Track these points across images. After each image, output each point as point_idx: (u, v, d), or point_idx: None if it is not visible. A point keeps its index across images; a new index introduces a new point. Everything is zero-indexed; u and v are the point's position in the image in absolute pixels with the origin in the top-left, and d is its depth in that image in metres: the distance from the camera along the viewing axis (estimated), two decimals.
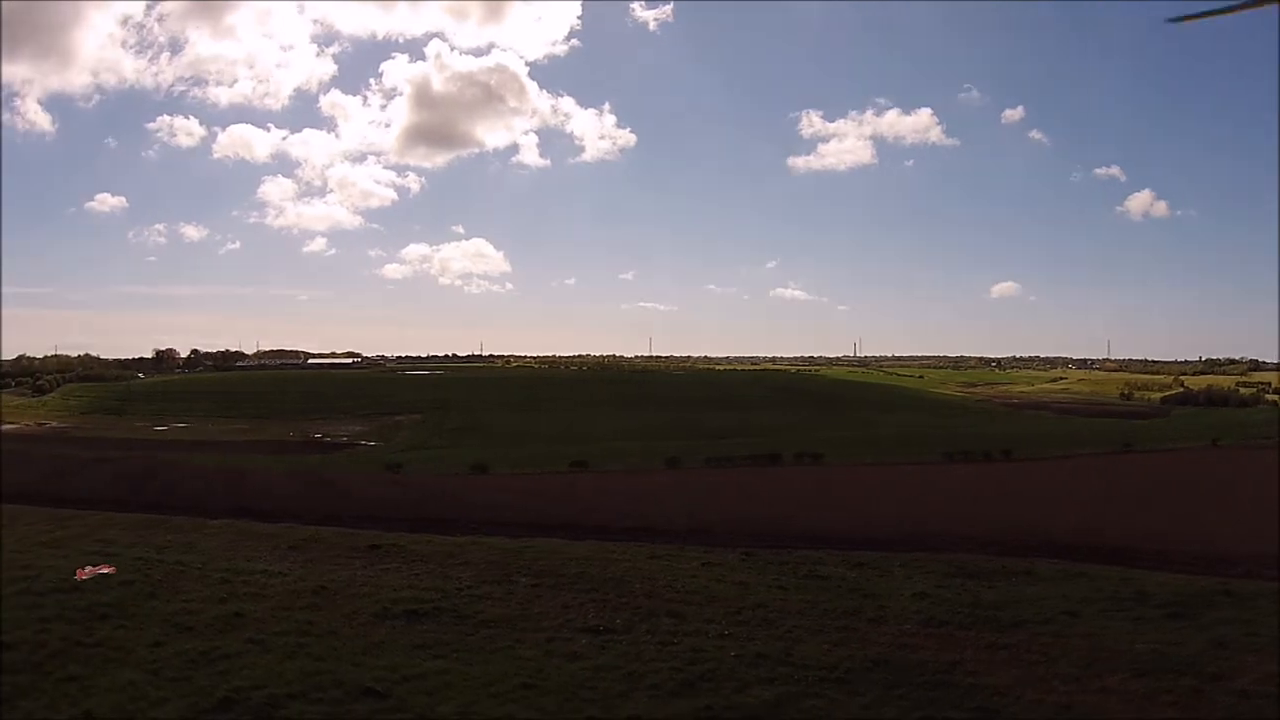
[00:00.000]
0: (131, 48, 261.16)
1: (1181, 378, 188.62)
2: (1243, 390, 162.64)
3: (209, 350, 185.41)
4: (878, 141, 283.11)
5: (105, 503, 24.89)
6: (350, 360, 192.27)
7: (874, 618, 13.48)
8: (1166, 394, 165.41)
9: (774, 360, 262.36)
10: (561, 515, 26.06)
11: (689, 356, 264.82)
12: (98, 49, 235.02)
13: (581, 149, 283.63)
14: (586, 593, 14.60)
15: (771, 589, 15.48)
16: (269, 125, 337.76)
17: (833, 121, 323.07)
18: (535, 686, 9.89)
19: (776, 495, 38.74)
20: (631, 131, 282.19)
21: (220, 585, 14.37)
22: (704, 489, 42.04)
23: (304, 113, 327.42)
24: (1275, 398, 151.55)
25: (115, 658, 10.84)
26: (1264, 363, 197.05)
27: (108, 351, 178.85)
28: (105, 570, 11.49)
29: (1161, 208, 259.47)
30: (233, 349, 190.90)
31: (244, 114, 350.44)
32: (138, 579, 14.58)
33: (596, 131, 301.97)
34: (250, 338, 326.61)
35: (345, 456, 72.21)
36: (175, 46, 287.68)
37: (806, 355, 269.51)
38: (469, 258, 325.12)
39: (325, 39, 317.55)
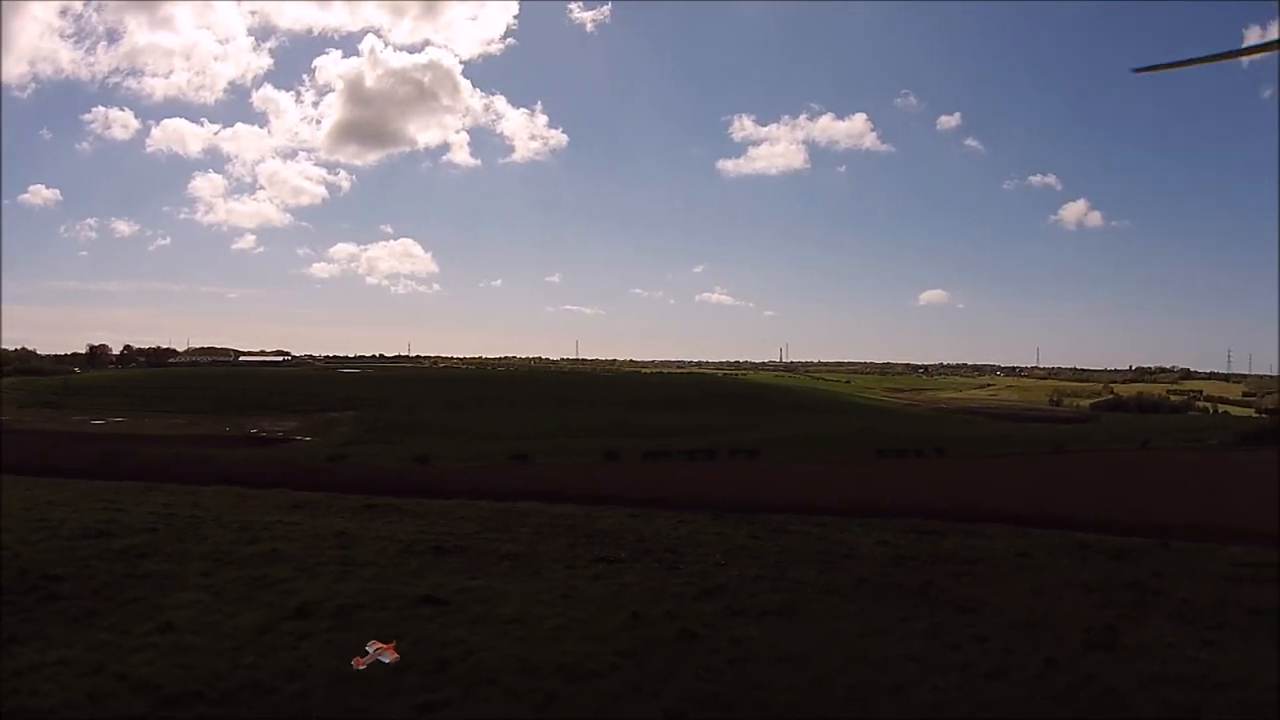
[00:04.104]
0: (70, 37, 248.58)
1: (1112, 385, 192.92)
2: (1174, 398, 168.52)
3: (141, 346, 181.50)
4: (810, 146, 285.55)
5: (89, 474, 25.04)
6: (280, 358, 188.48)
7: (847, 555, 15.34)
8: (1097, 400, 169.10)
9: (699, 365, 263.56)
10: (527, 490, 27.02)
11: (614, 360, 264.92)
12: (36, 38, 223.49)
13: (512, 149, 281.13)
14: (584, 538, 16.05)
15: (747, 539, 17.13)
16: (202, 120, 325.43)
17: (765, 125, 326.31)
18: (572, 597, 11.25)
19: (722, 482, 40.20)
20: (563, 132, 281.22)
21: (242, 531, 15.21)
22: (649, 476, 43.36)
23: (237, 107, 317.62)
24: (1206, 405, 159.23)
25: (171, 585, 11.64)
26: (1195, 371, 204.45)
27: (44, 347, 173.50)
28: (389, 656, 8.84)
29: (1096, 218, 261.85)
30: (164, 345, 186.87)
31: (178, 108, 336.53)
32: (161, 527, 15.34)
33: (527, 132, 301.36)
34: (181, 335, 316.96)
35: (284, 451, 71.18)
36: (113, 36, 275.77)
37: (732, 360, 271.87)
38: (396, 258, 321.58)
39: (262, 33, 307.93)
